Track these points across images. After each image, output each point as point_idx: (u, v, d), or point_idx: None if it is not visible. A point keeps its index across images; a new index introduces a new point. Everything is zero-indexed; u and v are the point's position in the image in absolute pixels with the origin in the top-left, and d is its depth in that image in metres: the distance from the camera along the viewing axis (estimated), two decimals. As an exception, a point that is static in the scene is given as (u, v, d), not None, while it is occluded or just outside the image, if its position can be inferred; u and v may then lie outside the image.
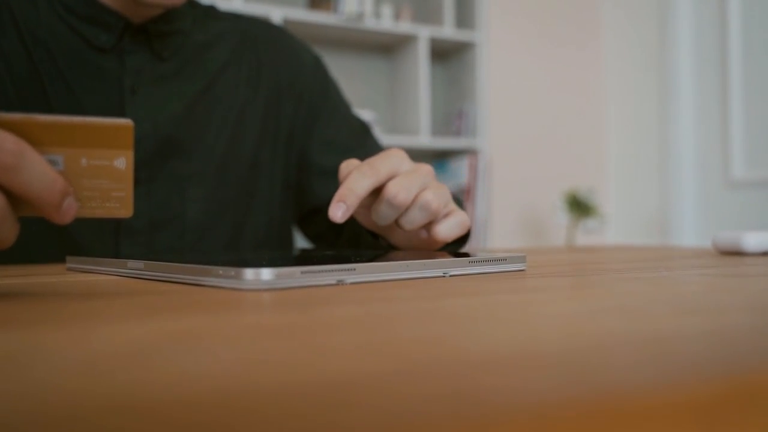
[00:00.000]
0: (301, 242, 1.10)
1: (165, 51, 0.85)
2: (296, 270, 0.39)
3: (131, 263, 0.48)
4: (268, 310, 0.30)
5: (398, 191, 0.57)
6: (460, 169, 3.03)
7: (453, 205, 0.64)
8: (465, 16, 3.10)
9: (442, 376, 0.17)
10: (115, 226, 0.80)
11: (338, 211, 0.55)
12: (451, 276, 0.47)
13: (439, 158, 3.17)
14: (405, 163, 0.61)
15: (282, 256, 0.53)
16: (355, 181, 0.56)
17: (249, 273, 0.38)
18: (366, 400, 0.15)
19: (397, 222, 0.60)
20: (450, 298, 0.34)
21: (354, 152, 0.91)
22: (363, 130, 0.99)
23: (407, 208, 0.59)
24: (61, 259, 0.77)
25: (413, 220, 0.60)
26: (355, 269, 0.42)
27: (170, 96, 0.85)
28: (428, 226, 0.62)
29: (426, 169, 0.61)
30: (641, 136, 3.65)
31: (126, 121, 0.36)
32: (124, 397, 0.16)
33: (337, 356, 0.20)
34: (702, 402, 0.16)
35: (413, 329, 0.24)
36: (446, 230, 0.62)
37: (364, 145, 0.96)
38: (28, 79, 0.78)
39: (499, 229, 3.29)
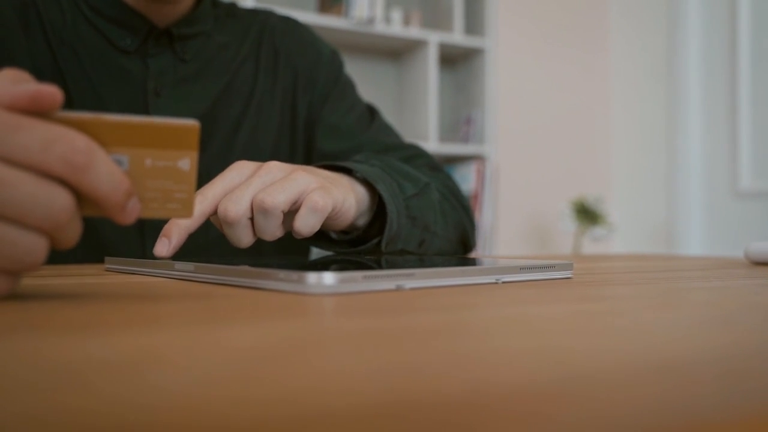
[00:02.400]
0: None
1: (187, 53, 0.85)
2: (358, 275, 0.38)
3: (179, 265, 0.47)
4: (342, 315, 0.29)
5: (226, 209, 0.54)
6: (468, 175, 3.02)
7: (315, 183, 0.57)
8: (474, 22, 3.10)
9: (556, 391, 0.17)
10: (139, 225, 0.80)
11: (161, 248, 0.53)
12: (503, 282, 0.46)
13: (446, 164, 3.16)
14: (245, 171, 0.57)
15: (340, 261, 0.53)
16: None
17: (312, 277, 0.37)
18: (507, 408, 0.15)
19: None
20: (510, 306, 0.33)
21: (356, 138, 0.91)
22: (369, 115, 0.98)
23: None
24: (86, 258, 0.76)
25: (262, 228, 0.56)
26: (413, 274, 0.41)
27: (193, 97, 0.85)
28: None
29: (267, 167, 0.57)
30: (648, 144, 3.65)
31: (192, 123, 0.36)
32: (235, 409, 0.15)
33: (436, 366, 0.19)
34: None
35: (498, 339, 0.24)
36: (302, 223, 0.56)
37: (369, 129, 0.95)
38: (52, 79, 0.78)
39: (505, 235, 3.28)
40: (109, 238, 0.78)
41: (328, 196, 0.57)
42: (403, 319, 0.28)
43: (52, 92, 0.32)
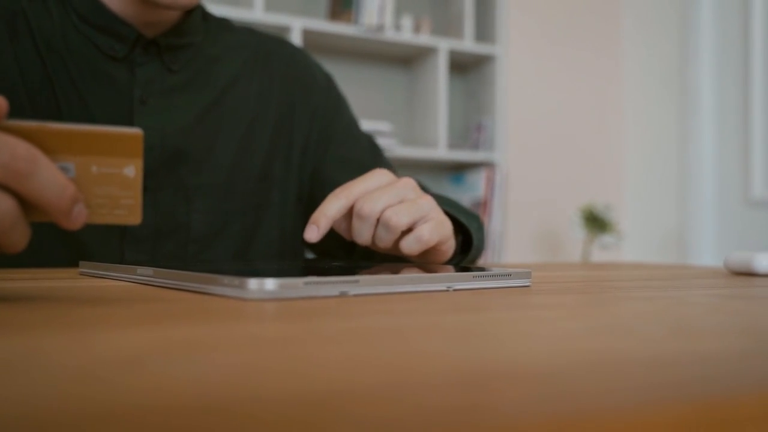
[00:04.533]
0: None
1: (175, 64, 0.86)
2: (299, 281, 0.39)
3: (140, 270, 0.49)
4: (267, 320, 0.30)
5: (362, 205, 0.62)
6: (477, 182, 3.03)
7: (434, 214, 0.65)
8: (485, 29, 3.11)
9: (430, 390, 0.18)
10: (120, 232, 0.81)
11: (311, 233, 0.61)
12: (454, 290, 0.47)
13: (456, 171, 3.17)
14: (385, 180, 0.66)
15: (289, 266, 0.54)
16: (327, 204, 0.63)
17: (253, 283, 0.38)
18: (356, 410, 0.16)
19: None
20: (448, 313, 0.35)
21: (368, 168, 0.93)
22: (373, 146, 1.03)
23: (376, 226, 0.64)
24: (69, 263, 0.78)
25: (380, 237, 0.64)
26: (358, 281, 0.42)
27: (179, 107, 0.86)
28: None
29: (403, 182, 0.65)
30: (660, 152, 3.64)
31: (135, 130, 0.37)
32: (116, 404, 0.16)
33: (330, 367, 0.20)
34: (677, 424, 0.16)
35: (407, 343, 0.25)
36: (406, 246, 0.64)
37: (374, 161, 0.99)
38: (40, 86, 0.79)
39: (514, 243, 3.28)
40: (91, 244, 0.79)
41: (435, 232, 0.65)
42: (308, 324, 0.29)
43: None
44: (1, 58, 0.79)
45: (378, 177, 0.66)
